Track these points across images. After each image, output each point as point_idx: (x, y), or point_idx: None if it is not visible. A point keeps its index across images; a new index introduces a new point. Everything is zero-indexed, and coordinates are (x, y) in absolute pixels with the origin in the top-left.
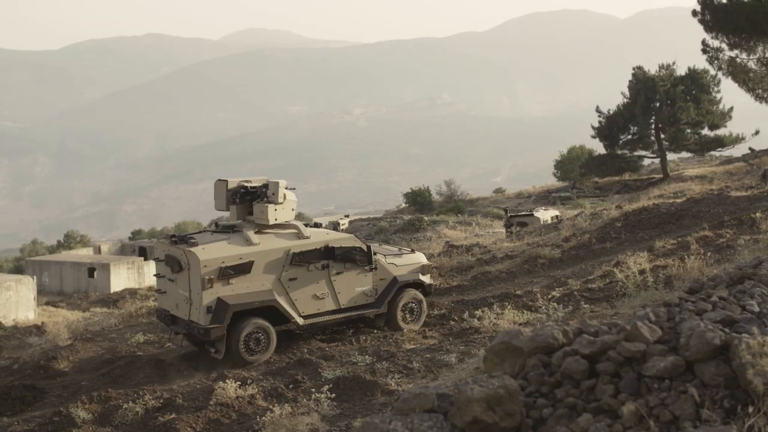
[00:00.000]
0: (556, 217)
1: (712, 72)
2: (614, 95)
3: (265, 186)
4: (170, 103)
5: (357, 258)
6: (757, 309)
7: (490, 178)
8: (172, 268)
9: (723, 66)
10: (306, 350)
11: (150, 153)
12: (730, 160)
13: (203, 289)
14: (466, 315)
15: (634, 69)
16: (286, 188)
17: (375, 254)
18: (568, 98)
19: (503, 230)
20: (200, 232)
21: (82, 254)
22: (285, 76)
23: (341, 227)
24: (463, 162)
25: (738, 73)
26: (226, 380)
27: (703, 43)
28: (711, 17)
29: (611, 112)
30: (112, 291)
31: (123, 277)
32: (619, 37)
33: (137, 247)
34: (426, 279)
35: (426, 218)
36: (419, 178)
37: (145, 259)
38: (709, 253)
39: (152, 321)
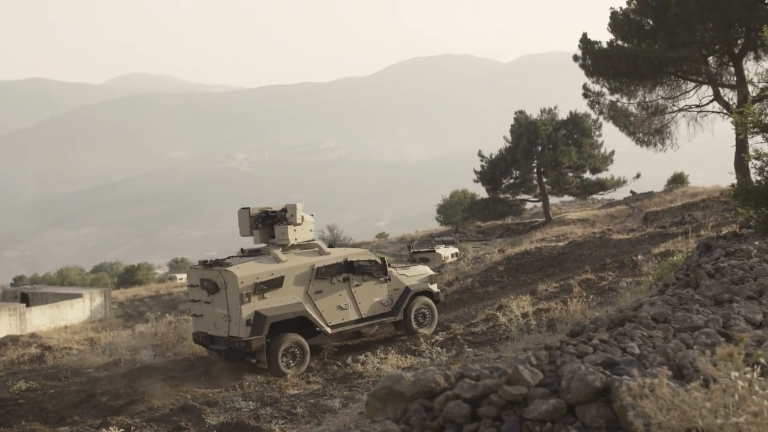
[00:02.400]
0: (456, 254)
1: (594, 116)
2: (497, 139)
3: (284, 210)
4: (53, 147)
5: (373, 270)
6: (637, 351)
7: (372, 223)
8: (209, 290)
9: (604, 110)
10: (189, 396)
11: (33, 198)
12: (611, 203)
13: (242, 304)
14: (349, 360)
15: (516, 113)
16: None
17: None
18: (451, 143)
19: None
20: (229, 257)
21: None
22: (168, 121)
23: None
24: (346, 207)
25: (619, 117)
26: (110, 427)
27: (585, 87)
28: (592, 62)
29: (494, 156)
30: None
31: (5, 324)
32: (502, 82)
33: (19, 294)
34: (434, 288)
35: None
36: None
37: (27, 305)
38: (591, 296)
39: (35, 368)
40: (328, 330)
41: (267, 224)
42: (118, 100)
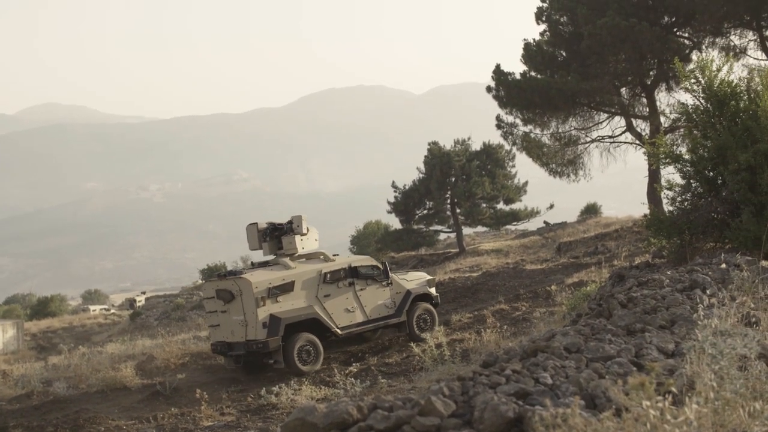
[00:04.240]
0: None
1: (507, 147)
2: (410, 170)
3: (290, 222)
4: None
5: (376, 274)
6: (550, 381)
7: None
8: (224, 300)
9: (517, 141)
10: (103, 429)
11: None
12: (525, 234)
13: (257, 307)
14: (263, 391)
15: (429, 144)
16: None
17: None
18: (364, 173)
19: None
20: (242, 269)
21: None
22: (81, 152)
23: (138, 304)
24: None
25: (532, 148)
26: None
27: (498, 118)
28: (505, 93)
29: (407, 187)
30: None
31: None
32: (415, 113)
33: None
34: (432, 291)
35: None
36: (216, 255)
37: None
38: (505, 326)
39: None
40: (339, 332)
41: (275, 236)
42: (31, 130)
